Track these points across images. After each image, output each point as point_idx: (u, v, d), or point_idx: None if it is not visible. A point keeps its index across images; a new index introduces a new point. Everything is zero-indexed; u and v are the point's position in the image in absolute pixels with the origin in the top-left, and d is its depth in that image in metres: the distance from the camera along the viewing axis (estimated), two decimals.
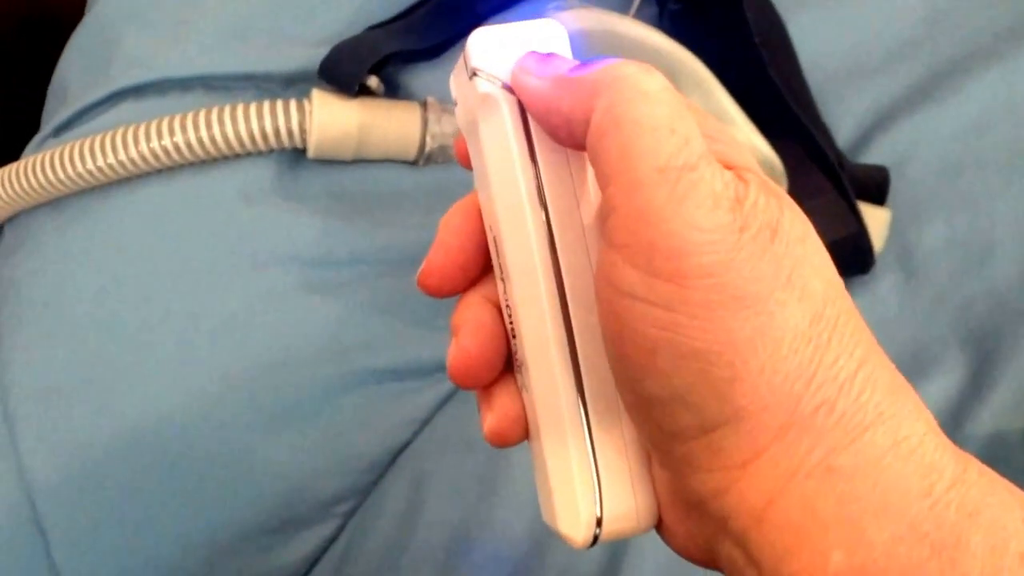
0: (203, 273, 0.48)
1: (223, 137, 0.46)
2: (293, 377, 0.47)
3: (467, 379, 0.26)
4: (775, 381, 0.20)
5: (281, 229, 0.49)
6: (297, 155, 0.50)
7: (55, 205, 0.49)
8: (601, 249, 0.21)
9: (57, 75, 0.55)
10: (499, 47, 0.24)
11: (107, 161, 0.46)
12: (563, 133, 0.22)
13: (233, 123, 0.46)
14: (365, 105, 0.48)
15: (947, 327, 0.54)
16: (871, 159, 0.57)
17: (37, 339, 0.47)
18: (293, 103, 0.47)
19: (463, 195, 0.27)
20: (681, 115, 0.20)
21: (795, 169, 0.52)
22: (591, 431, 0.23)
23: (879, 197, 0.56)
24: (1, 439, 0.46)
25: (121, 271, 0.47)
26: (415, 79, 0.52)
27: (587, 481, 0.23)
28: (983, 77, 0.58)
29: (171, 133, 0.46)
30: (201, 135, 0.46)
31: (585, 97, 0.21)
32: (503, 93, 0.23)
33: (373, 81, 0.48)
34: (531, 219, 0.23)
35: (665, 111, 0.20)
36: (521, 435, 0.26)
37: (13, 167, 0.49)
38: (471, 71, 0.24)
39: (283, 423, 0.47)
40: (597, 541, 0.24)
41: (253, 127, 0.46)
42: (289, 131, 0.47)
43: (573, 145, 0.23)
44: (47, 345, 0.47)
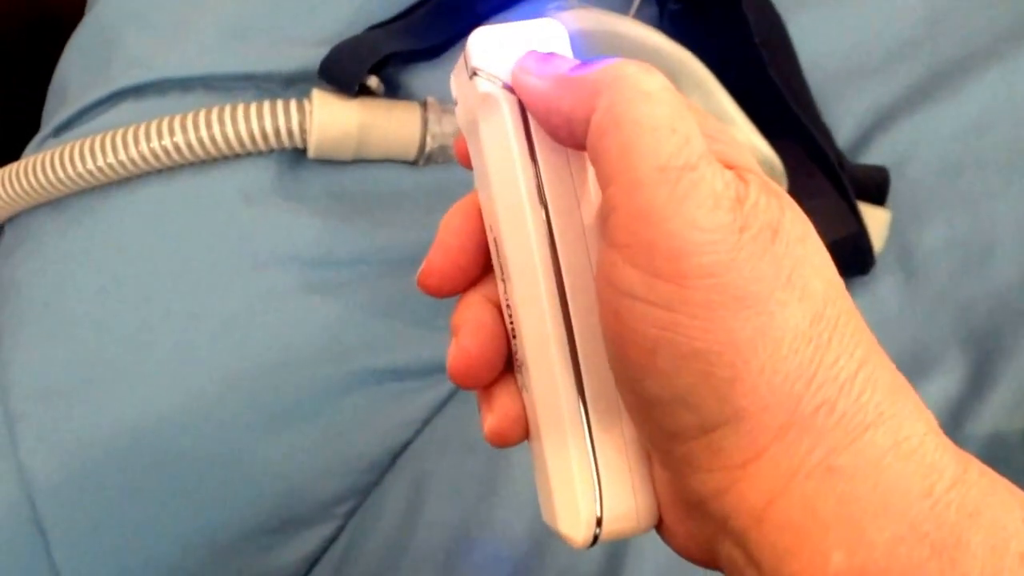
0: (203, 273, 0.48)
1: (223, 137, 0.46)
2: (293, 377, 0.47)
3: (467, 379, 0.26)
4: (775, 381, 0.20)
5: (281, 229, 0.49)
6: (297, 155, 0.50)
7: (55, 205, 0.49)
8: (601, 249, 0.21)
9: (57, 75, 0.55)
10: (499, 47, 0.24)
11: (107, 161, 0.46)
12: (563, 133, 0.22)
13: (233, 123, 0.46)
14: (365, 105, 0.48)
15: (947, 327, 0.54)
16: (871, 159, 0.57)
17: (37, 339, 0.47)
18: (293, 103, 0.47)
19: (463, 195, 0.27)
20: (681, 115, 0.20)
21: (795, 169, 0.52)
22: (591, 431, 0.23)
23: (879, 197, 0.56)
24: (1, 439, 0.46)
25: (121, 271, 0.47)
26: (415, 79, 0.52)
27: (587, 481, 0.23)
28: (983, 77, 0.58)
29: (171, 133, 0.46)
30: (201, 135, 0.46)
31: (585, 97, 0.21)
32: (503, 93, 0.23)
33: (373, 81, 0.48)
34: (531, 219, 0.23)
35: (665, 111, 0.20)
36: (521, 435, 0.26)
37: (13, 167, 0.48)
38: (471, 71, 0.24)
39: (283, 423, 0.47)
40: (597, 541, 0.24)
41: (253, 127, 0.46)
42: (289, 131, 0.47)
43: (573, 145, 0.23)
44: (47, 345, 0.47)
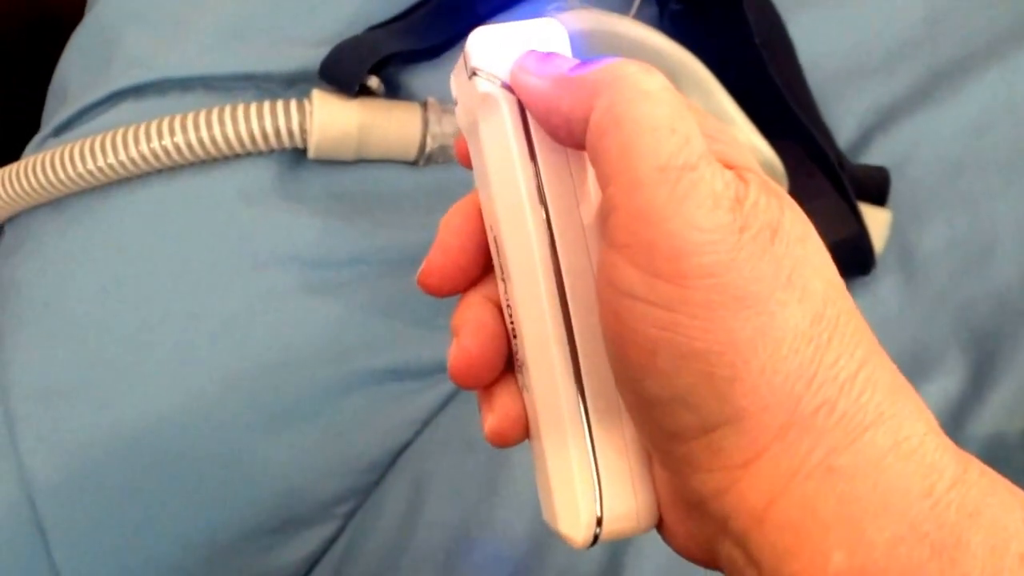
0: (203, 273, 0.48)
1: (223, 137, 0.46)
2: (293, 377, 0.47)
3: (468, 379, 0.26)
4: (775, 381, 0.20)
5: (281, 229, 0.49)
6: (297, 155, 0.50)
7: (56, 205, 0.49)
8: (601, 249, 0.21)
9: (57, 75, 0.55)
10: (499, 47, 0.24)
11: (107, 161, 0.46)
12: (563, 133, 0.22)
13: (233, 123, 0.46)
14: (365, 105, 0.48)
15: (948, 327, 0.54)
16: (871, 159, 0.57)
17: (37, 339, 0.47)
18: (293, 103, 0.47)
19: (463, 195, 0.27)
20: (681, 115, 0.20)
21: (795, 170, 0.52)
22: (591, 431, 0.23)
23: (879, 198, 0.56)
24: (1, 439, 0.46)
25: (121, 271, 0.47)
26: (415, 79, 0.52)
27: (587, 481, 0.23)
28: (983, 77, 0.58)
29: (171, 133, 0.46)
30: (201, 135, 0.46)
31: (585, 96, 0.21)
32: (503, 93, 0.23)
33: (373, 81, 0.48)
34: (531, 219, 0.23)
35: (665, 111, 0.20)
36: (522, 435, 0.26)
37: (13, 167, 0.48)
38: (471, 71, 0.24)
39: (283, 423, 0.47)
40: (597, 541, 0.24)
41: (253, 127, 0.46)
42: (289, 131, 0.47)
43: (573, 145, 0.23)
44: (47, 345, 0.47)
